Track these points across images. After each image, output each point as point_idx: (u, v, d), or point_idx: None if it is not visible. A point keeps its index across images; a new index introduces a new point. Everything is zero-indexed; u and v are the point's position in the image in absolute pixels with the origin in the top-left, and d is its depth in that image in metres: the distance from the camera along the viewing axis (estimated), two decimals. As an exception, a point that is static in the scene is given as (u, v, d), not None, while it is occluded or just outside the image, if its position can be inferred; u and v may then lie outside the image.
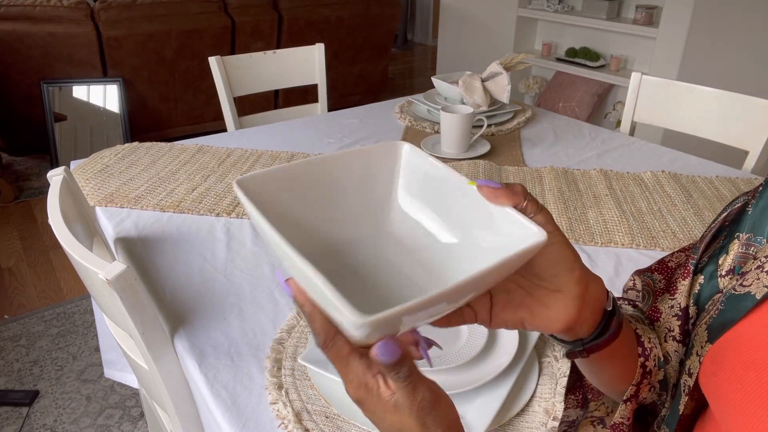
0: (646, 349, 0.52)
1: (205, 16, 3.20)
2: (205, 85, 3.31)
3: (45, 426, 1.63)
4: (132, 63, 3.09)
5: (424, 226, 0.43)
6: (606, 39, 3.39)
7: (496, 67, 1.52)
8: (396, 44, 6.08)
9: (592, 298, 0.44)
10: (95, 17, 2.95)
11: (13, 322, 2.05)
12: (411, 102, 1.72)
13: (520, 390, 0.69)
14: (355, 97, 3.98)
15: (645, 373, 0.51)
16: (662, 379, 0.53)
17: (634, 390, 0.51)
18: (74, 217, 0.89)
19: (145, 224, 1.07)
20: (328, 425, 0.65)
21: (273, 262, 0.95)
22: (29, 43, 2.84)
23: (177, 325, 0.81)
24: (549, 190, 1.22)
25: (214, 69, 1.69)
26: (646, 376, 0.52)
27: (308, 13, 3.51)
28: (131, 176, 1.24)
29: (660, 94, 1.59)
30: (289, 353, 0.74)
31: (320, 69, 1.86)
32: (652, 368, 0.52)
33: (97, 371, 1.82)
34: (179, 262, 0.95)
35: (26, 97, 2.97)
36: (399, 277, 0.40)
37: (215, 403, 0.68)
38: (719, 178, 1.28)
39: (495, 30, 3.74)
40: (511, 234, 0.39)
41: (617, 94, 3.43)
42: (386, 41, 4.02)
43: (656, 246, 1.02)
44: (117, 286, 0.65)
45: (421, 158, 0.44)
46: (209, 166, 1.30)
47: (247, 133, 1.53)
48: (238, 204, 1.13)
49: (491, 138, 1.49)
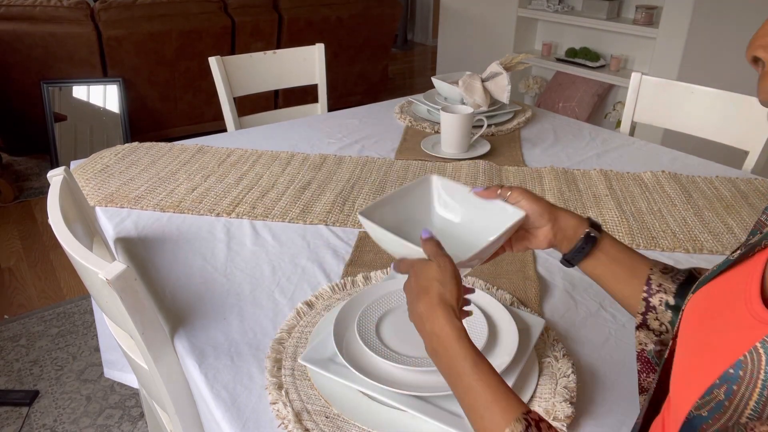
0: (652, 288, 0.65)
1: (205, 16, 3.20)
2: (205, 85, 3.31)
3: (45, 426, 1.63)
4: (132, 63, 3.09)
5: (452, 220, 0.73)
6: (606, 39, 3.39)
7: (496, 67, 1.52)
8: (396, 44, 6.09)
9: (563, 227, 0.67)
10: (95, 17, 2.95)
11: (13, 322, 2.05)
12: (411, 102, 1.72)
13: (520, 390, 0.69)
14: (355, 97, 3.98)
15: (649, 306, 0.65)
16: (673, 320, 0.63)
17: (641, 319, 0.65)
18: (74, 217, 0.89)
19: (145, 224, 1.07)
20: (328, 425, 0.65)
21: (273, 263, 0.96)
22: (29, 43, 2.84)
23: (177, 325, 0.81)
24: (549, 190, 1.22)
25: (214, 69, 1.69)
26: (650, 310, 0.64)
27: (308, 13, 3.51)
28: (131, 176, 1.24)
29: (660, 94, 1.59)
30: (289, 353, 0.74)
31: (320, 69, 1.86)
32: (656, 305, 0.64)
33: (97, 371, 1.82)
34: (179, 262, 0.95)
35: (26, 97, 2.97)
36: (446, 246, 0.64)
37: (215, 403, 0.68)
38: (719, 178, 1.28)
39: (495, 30, 3.74)
40: (503, 215, 0.68)
41: (617, 94, 3.43)
42: (386, 41, 4.02)
43: (656, 246, 1.02)
44: (117, 286, 0.65)
45: (446, 182, 0.73)
46: (209, 166, 1.30)
47: (247, 133, 1.53)
48: (239, 204, 1.13)
49: (491, 138, 1.49)
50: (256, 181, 1.23)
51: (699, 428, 0.42)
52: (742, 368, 0.40)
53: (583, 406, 0.69)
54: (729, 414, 0.40)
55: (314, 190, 1.20)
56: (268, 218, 1.09)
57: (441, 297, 0.56)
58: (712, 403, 0.41)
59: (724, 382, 0.41)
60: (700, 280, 0.56)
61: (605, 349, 0.78)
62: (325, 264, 0.96)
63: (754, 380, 0.39)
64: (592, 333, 0.81)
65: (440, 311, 0.55)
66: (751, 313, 0.43)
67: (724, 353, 0.43)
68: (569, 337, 0.80)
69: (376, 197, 0.75)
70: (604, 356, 0.77)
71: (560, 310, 0.85)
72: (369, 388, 0.66)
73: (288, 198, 1.17)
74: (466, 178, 1.25)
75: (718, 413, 0.40)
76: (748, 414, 0.38)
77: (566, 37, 3.61)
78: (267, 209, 1.12)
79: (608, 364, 0.75)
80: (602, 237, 0.67)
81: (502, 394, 0.51)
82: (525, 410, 0.49)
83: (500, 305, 0.79)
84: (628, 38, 3.24)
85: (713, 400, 0.41)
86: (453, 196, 0.73)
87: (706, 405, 0.42)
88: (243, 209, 1.11)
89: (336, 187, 1.21)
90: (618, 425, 0.66)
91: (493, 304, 0.79)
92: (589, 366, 0.75)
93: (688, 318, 0.53)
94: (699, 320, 0.51)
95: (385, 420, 0.65)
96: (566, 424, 0.65)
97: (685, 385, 0.47)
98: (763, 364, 0.38)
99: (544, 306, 0.86)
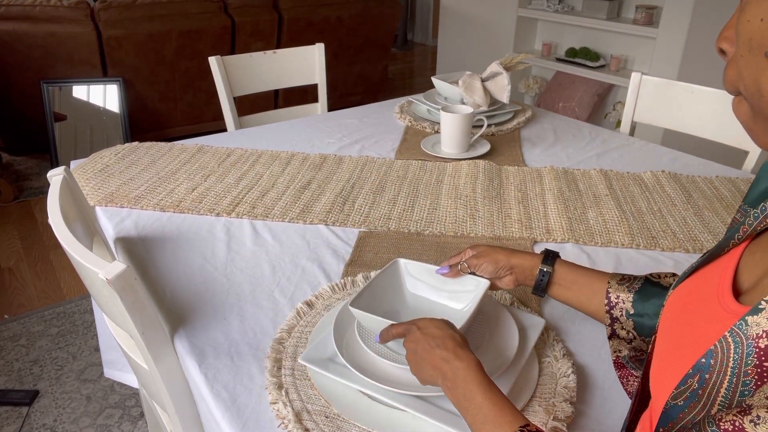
0: (612, 302, 0.73)
1: (205, 16, 3.20)
2: (205, 85, 3.31)
3: (45, 426, 1.63)
4: (132, 63, 3.09)
5: (424, 296, 0.80)
6: (606, 39, 3.39)
7: (496, 67, 1.52)
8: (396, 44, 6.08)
9: (522, 270, 0.77)
10: (95, 17, 2.95)
11: (13, 322, 2.05)
12: (411, 102, 1.72)
13: (520, 390, 0.69)
14: (355, 97, 3.98)
15: (613, 318, 0.72)
16: (637, 327, 0.71)
17: (609, 330, 0.73)
18: (74, 217, 0.89)
19: (145, 224, 1.07)
20: (328, 425, 0.65)
21: (273, 263, 0.96)
22: (29, 43, 2.84)
23: (177, 325, 0.81)
24: (549, 190, 1.22)
25: (214, 69, 1.69)
26: (615, 321, 0.72)
27: (308, 13, 3.51)
28: (131, 176, 1.24)
29: (660, 94, 1.59)
30: (289, 353, 0.74)
31: (320, 69, 1.86)
32: (618, 316, 0.72)
33: (97, 371, 1.82)
34: (179, 262, 0.95)
35: (26, 97, 2.97)
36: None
37: (215, 403, 0.68)
38: (719, 178, 1.28)
39: (495, 30, 3.74)
40: (468, 283, 0.77)
41: (617, 94, 3.42)
42: (386, 41, 4.02)
43: (656, 246, 1.02)
44: (117, 286, 0.65)
45: (411, 264, 0.80)
46: (209, 166, 1.30)
47: (247, 133, 1.53)
48: (239, 204, 1.13)
49: (491, 138, 1.49)
50: (256, 180, 1.23)
51: (677, 417, 0.44)
52: (713, 357, 0.41)
53: (583, 406, 0.69)
54: (703, 402, 0.41)
55: (314, 190, 1.20)
56: (268, 218, 1.09)
57: (456, 340, 0.61)
58: (687, 392, 0.43)
59: (696, 371, 0.42)
60: (679, 278, 0.58)
61: (605, 349, 0.78)
62: (325, 264, 0.96)
63: (724, 368, 0.40)
64: (592, 333, 0.81)
65: (461, 351, 0.59)
66: (722, 305, 0.46)
67: (697, 344, 0.45)
68: (569, 337, 0.80)
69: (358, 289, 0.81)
70: (604, 356, 0.77)
71: (560, 310, 0.85)
72: (369, 388, 0.66)
73: (288, 198, 1.17)
74: (466, 177, 1.25)
75: (693, 402, 0.42)
76: (720, 401, 0.40)
77: (566, 37, 3.61)
78: (267, 209, 1.12)
79: (608, 364, 0.75)
80: (555, 268, 0.77)
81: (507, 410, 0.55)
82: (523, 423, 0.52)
83: (500, 305, 0.79)
84: (628, 38, 3.24)
85: (688, 389, 0.43)
86: (419, 274, 0.80)
87: (681, 395, 0.44)
88: (243, 209, 1.11)
89: (336, 187, 1.21)
90: (618, 425, 0.66)
91: (493, 304, 0.79)
92: (589, 366, 0.75)
93: (666, 314, 0.55)
94: (676, 316, 0.53)
95: (385, 420, 0.65)
96: (566, 424, 0.65)
97: (662, 378, 0.49)
98: (731, 352, 0.40)
99: (544, 306, 0.86)
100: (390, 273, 0.79)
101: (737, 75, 0.43)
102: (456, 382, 0.57)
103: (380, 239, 1.03)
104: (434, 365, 0.60)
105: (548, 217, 1.11)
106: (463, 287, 0.77)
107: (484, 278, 0.76)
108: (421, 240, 1.04)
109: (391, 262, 0.80)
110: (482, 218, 1.11)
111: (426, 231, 1.07)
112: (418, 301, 0.79)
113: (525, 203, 1.16)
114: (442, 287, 0.79)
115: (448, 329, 0.63)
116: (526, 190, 1.22)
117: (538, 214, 1.12)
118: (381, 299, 0.75)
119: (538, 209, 1.14)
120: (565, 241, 1.04)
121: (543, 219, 1.11)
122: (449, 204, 1.15)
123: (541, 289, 0.77)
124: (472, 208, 1.14)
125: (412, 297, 0.80)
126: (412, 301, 0.79)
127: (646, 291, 0.71)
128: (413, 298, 0.79)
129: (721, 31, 0.45)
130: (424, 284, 0.80)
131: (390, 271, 0.79)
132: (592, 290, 0.75)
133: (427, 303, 0.79)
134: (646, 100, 1.61)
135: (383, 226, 1.07)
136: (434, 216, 1.11)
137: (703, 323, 0.47)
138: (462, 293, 0.77)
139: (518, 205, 1.16)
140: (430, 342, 0.61)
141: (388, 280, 0.78)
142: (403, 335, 0.65)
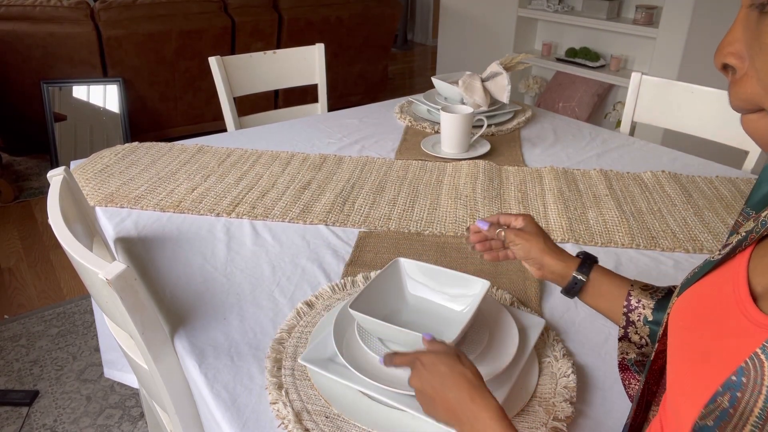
0: (631, 305, 0.70)
1: (205, 16, 3.20)
2: (205, 85, 3.31)
3: (45, 426, 1.63)
4: (132, 63, 3.09)
5: (424, 297, 0.80)
6: (606, 39, 3.39)
7: (496, 67, 1.52)
8: (396, 44, 6.08)
9: (550, 271, 0.74)
10: (95, 17, 2.95)
11: (13, 322, 2.05)
12: (411, 102, 1.72)
13: (520, 390, 0.69)
14: (355, 97, 3.98)
15: (629, 321, 0.70)
16: (651, 334, 0.68)
17: (622, 332, 0.70)
18: (74, 217, 0.89)
19: (145, 224, 1.07)
20: (328, 425, 0.65)
21: (273, 263, 0.96)
22: (29, 43, 2.84)
23: (177, 325, 0.81)
24: (549, 190, 1.22)
25: (214, 69, 1.69)
26: (630, 324, 0.70)
27: (308, 13, 3.51)
28: (131, 176, 1.24)
29: (660, 94, 1.59)
30: (289, 353, 0.74)
31: (320, 69, 1.86)
32: (635, 320, 0.69)
33: (97, 371, 1.82)
34: (179, 262, 0.95)
35: (26, 97, 2.96)
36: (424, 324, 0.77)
37: (215, 403, 0.68)
38: (719, 178, 1.28)
39: (495, 30, 3.74)
40: (468, 285, 0.77)
41: (617, 94, 3.42)
42: (386, 41, 4.02)
43: (656, 246, 1.02)
44: (117, 286, 0.65)
45: (414, 265, 0.80)
46: (209, 166, 1.30)
47: (247, 133, 1.53)
48: (239, 204, 1.13)
49: (491, 138, 1.49)
50: (256, 181, 1.23)
51: None
52: (744, 375, 0.39)
53: (583, 407, 0.69)
54: (734, 422, 0.39)
55: (314, 190, 1.20)
56: (268, 218, 1.09)
57: (467, 378, 0.56)
58: (717, 412, 0.41)
59: (727, 389, 0.40)
60: (682, 283, 0.56)
61: (605, 349, 0.78)
62: (325, 264, 0.96)
63: (758, 387, 0.38)
64: (592, 333, 0.81)
65: (476, 393, 0.55)
66: (747, 317, 0.43)
67: (725, 360, 0.43)
68: (569, 337, 0.80)
69: (358, 290, 0.79)
70: (604, 356, 0.77)
71: (560, 310, 0.85)
72: (369, 388, 0.66)
73: (288, 198, 1.17)
74: (467, 177, 1.25)
75: (723, 421, 0.40)
76: (753, 421, 0.38)
77: (566, 37, 3.61)
78: (267, 209, 1.12)
79: (608, 364, 0.75)
80: (590, 277, 0.73)
81: None
82: None
83: (500, 305, 0.79)
84: (628, 38, 3.24)
85: (717, 408, 0.41)
86: (420, 275, 0.80)
87: (710, 414, 0.41)
88: (243, 209, 1.11)
89: (336, 187, 1.21)
90: (618, 425, 0.66)
91: (493, 304, 0.79)
92: (589, 366, 0.75)
93: (677, 323, 0.53)
94: (690, 326, 0.51)
95: (385, 420, 0.65)
96: (566, 424, 0.65)
97: (686, 395, 0.46)
98: (765, 369, 0.38)
99: (544, 306, 0.86)
100: (390, 273, 0.79)
101: (759, 89, 0.40)
102: (475, 429, 0.54)
103: (380, 239, 1.03)
104: (447, 408, 0.55)
105: (548, 217, 1.11)
106: (464, 289, 0.77)
107: (484, 280, 0.76)
108: (421, 240, 1.04)
109: (391, 262, 0.79)
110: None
111: (426, 231, 1.07)
112: (418, 302, 0.79)
113: (525, 203, 1.16)
114: (442, 289, 0.79)
115: (457, 364, 0.57)
116: (526, 190, 1.22)
117: (538, 214, 1.12)
118: (381, 300, 0.75)
119: (538, 209, 1.14)
120: (565, 241, 1.04)
121: (543, 219, 1.11)
122: (449, 204, 1.15)
123: (571, 294, 0.75)
124: (472, 208, 1.14)
125: (413, 298, 0.79)
126: (413, 302, 0.79)
127: (668, 301, 0.69)
128: (413, 299, 0.79)
129: (722, 47, 0.42)
130: (425, 285, 0.79)
131: (390, 272, 0.79)
132: (620, 297, 0.72)
133: (427, 304, 0.79)
134: (646, 100, 1.61)
135: (383, 227, 1.07)
136: (434, 216, 1.11)
137: (730, 338, 0.44)
138: (462, 296, 0.77)
139: (518, 205, 1.16)
140: (440, 382, 0.56)
141: (389, 280, 0.78)
142: (407, 366, 0.61)
